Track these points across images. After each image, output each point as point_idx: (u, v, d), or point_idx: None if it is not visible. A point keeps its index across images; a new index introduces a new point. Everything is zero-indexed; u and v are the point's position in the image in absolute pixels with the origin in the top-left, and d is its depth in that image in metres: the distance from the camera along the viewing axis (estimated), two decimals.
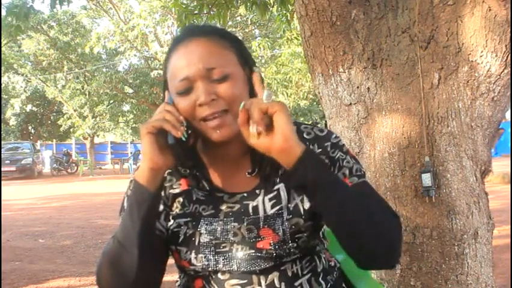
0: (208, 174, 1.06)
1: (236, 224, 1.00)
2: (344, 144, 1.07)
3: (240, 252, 0.98)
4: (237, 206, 1.02)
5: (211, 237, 0.99)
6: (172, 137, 0.95)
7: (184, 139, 0.95)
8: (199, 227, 1.01)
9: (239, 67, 1.01)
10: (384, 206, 1.01)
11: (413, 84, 1.78)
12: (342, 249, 0.99)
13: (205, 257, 0.99)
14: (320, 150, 1.04)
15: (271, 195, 1.02)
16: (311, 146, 1.04)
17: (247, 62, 1.04)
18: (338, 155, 1.04)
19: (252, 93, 1.02)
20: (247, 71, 1.03)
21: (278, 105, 0.89)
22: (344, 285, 1.10)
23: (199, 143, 1.07)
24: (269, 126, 0.89)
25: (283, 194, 1.01)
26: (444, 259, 1.75)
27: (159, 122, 0.95)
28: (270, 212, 1.00)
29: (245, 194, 1.03)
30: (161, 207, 1.04)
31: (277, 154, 0.91)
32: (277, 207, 1.00)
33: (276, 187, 1.03)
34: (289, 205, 1.00)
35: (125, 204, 1.05)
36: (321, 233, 1.06)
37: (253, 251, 0.98)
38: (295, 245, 0.98)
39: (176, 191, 1.06)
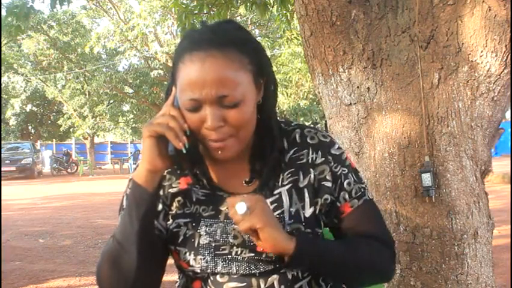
0: (208, 172, 1.06)
1: (236, 226, 0.99)
2: (346, 158, 1.07)
3: (240, 255, 0.98)
4: None
5: (211, 239, 0.99)
6: (173, 147, 0.94)
7: (184, 151, 0.93)
8: (199, 228, 1.00)
9: (252, 86, 0.97)
10: (376, 238, 1.05)
11: (413, 84, 1.78)
12: None
13: (204, 258, 0.98)
14: (323, 159, 1.04)
15: (272, 198, 1.01)
16: (314, 154, 1.04)
17: (263, 72, 1.00)
18: (340, 171, 1.05)
19: (265, 102, 1.01)
20: (261, 82, 1.00)
21: (260, 221, 0.89)
22: (343, 285, 1.10)
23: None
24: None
25: (285, 198, 1.01)
26: (444, 259, 1.75)
27: (162, 128, 0.93)
28: None
29: (245, 195, 1.02)
30: (160, 206, 1.04)
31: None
32: (279, 211, 1.00)
33: (277, 191, 1.02)
34: (290, 209, 1.00)
35: (124, 203, 1.05)
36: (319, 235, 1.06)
37: (253, 254, 0.97)
38: None
39: (175, 190, 1.05)
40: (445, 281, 1.74)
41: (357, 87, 1.87)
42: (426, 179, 1.71)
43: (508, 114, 15.63)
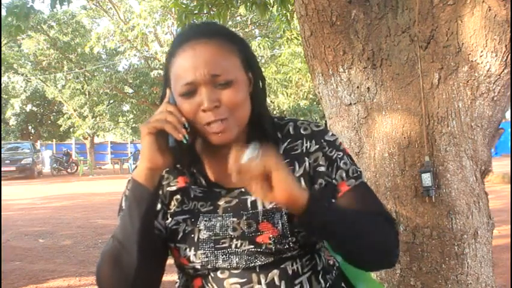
0: (205, 170, 1.07)
1: (235, 219, 1.00)
2: (340, 143, 1.09)
3: (240, 248, 0.98)
4: (235, 201, 1.03)
5: (210, 233, 0.99)
6: (173, 139, 0.95)
7: (185, 142, 0.95)
8: (198, 223, 1.01)
9: (242, 72, 1.01)
10: (379, 214, 1.04)
11: (413, 84, 1.78)
12: None
13: (204, 253, 0.99)
14: (317, 146, 1.06)
15: None
16: (308, 143, 1.06)
17: (251, 66, 1.04)
18: (335, 154, 1.06)
19: (254, 97, 1.03)
20: (250, 75, 1.03)
21: (274, 163, 0.87)
22: (343, 284, 1.10)
23: (197, 140, 1.07)
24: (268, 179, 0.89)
25: None
26: (444, 259, 1.75)
27: (160, 123, 0.95)
28: (268, 206, 1.00)
29: (243, 189, 1.03)
30: (158, 205, 1.04)
31: (283, 205, 0.93)
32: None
33: None
34: None
35: (124, 204, 1.05)
36: None
37: (253, 246, 0.98)
38: (294, 239, 0.98)
39: (174, 188, 1.06)
40: (445, 281, 1.74)
41: (357, 87, 1.87)
42: (426, 179, 1.71)
43: (508, 114, 15.64)
